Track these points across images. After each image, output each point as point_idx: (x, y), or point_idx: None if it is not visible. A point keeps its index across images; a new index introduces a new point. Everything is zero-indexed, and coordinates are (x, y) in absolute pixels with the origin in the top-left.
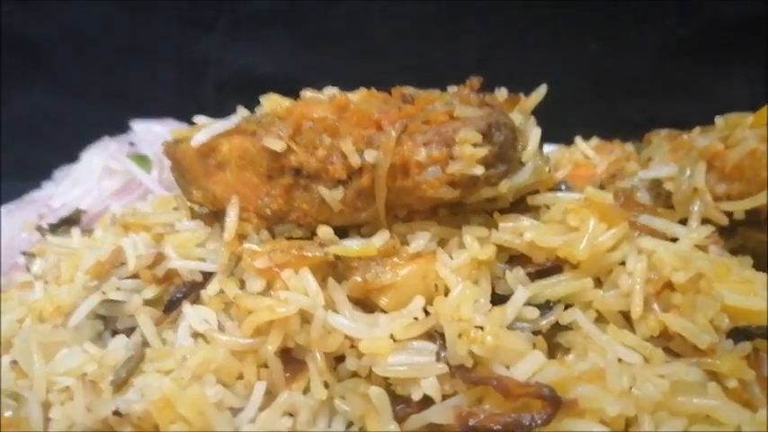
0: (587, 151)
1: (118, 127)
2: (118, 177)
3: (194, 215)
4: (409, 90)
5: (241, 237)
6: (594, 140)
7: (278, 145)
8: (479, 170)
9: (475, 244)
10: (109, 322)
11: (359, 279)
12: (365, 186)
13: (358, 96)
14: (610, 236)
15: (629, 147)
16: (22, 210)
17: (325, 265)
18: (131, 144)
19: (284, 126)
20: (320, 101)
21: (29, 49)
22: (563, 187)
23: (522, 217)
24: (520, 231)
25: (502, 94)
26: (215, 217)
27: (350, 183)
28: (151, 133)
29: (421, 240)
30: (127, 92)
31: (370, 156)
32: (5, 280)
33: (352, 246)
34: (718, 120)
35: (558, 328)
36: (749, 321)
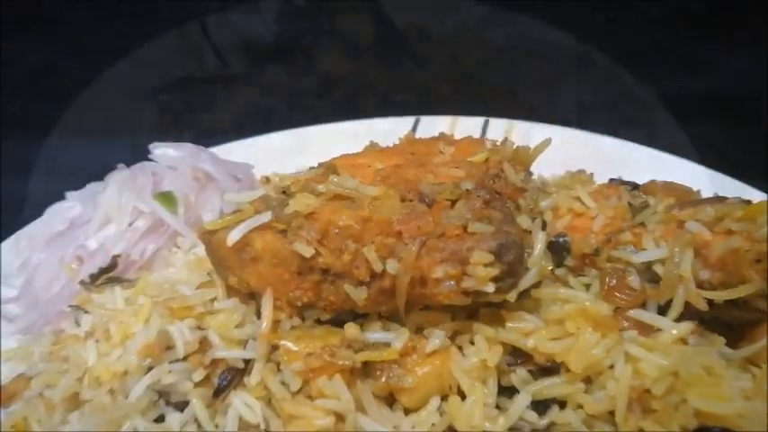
0: (586, 200)
1: (117, 83)
2: (146, 217)
3: (230, 292)
4: (425, 188)
5: (276, 323)
6: (594, 185)
7: (307, 251)
8: (491, 288)
9: (484, 346)
10: (162, 394)
11: (383, 381)
12: (386, 288)
13: (376, 191)
14: (602, 346)
15: (626, 196)
16: (54, 246)
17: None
18: (154, 174)
19: (312, 230)
20: (345, 200)
21: (27, 5)
22: (561, 240)
23: (527, 316)
24: (524, 332)
25: (507, 149)
26: (250, 295)
27: (372, 283)
28: (168, 159)
29: (437, 340)
30: (127, 49)
31: (392, 267)
32: (53, 327)
33: (376, 341)
34: (709, 209)
35: (552, 424)
36: (718, 423)
